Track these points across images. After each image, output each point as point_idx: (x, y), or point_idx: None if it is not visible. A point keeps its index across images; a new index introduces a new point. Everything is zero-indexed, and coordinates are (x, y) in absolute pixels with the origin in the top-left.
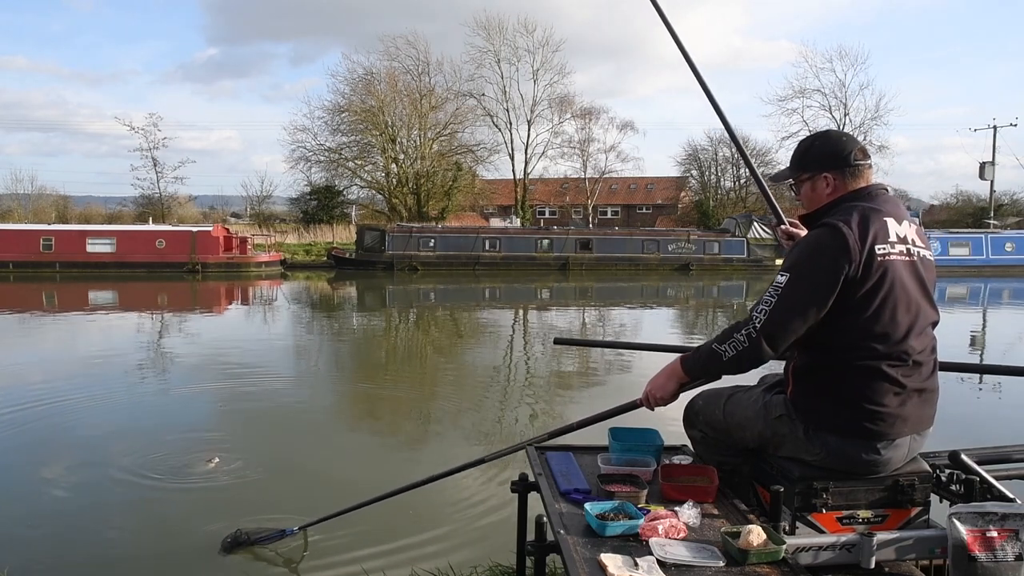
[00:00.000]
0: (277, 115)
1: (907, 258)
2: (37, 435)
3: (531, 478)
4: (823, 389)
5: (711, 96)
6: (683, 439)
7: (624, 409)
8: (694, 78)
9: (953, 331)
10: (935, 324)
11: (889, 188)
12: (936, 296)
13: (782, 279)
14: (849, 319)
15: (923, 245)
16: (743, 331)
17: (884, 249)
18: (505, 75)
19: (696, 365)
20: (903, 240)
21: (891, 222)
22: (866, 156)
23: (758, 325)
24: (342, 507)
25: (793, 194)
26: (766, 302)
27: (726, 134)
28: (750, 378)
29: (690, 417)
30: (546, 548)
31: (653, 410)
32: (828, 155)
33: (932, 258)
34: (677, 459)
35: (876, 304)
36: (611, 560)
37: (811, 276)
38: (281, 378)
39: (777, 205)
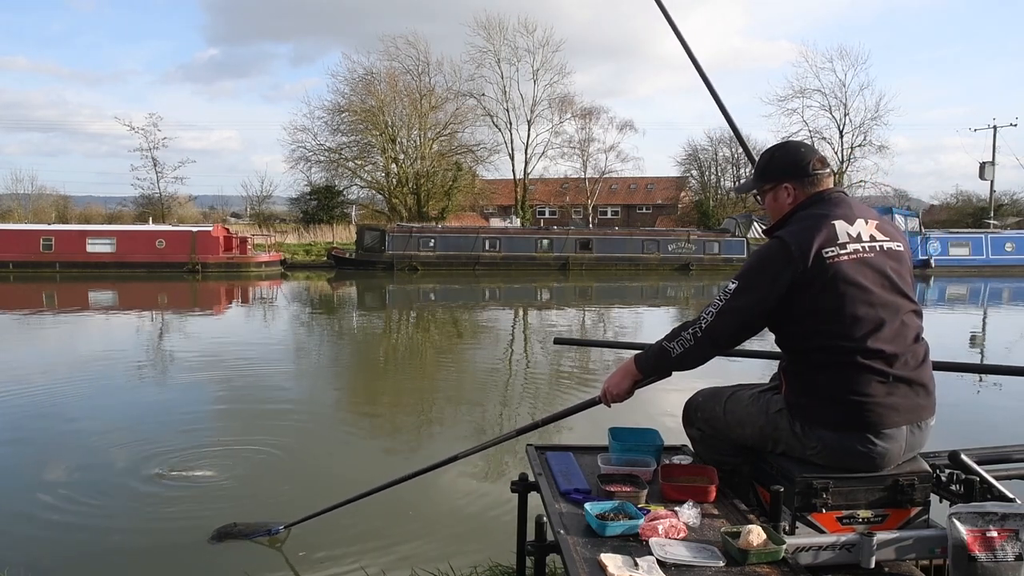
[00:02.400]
0: (277, 115)
1: (863, 255)
2: (35, 434)
3: (531, 478)
4: (811, 387)
5: (712, 89)
6: (683, 439)
7: (585, 406)
8: (697, 75)
9: (953, 331)
10: (917, 313)
11: (847, 191)
12: (936, 296)
13: (731, 286)
14: (812, 322)
15: (886, 238)
16: (690, 330)
17: (832, 252)
18: (505, 75)
19: (647, 363)
20: (856, 239)
21: (841, 224)
22: (824, 165)
23: (703, 326)
24: (328, 504)
25: (758, 203)
26: (714, 305)
27: (726, 134)
28: (757, 376)
29: (689, 415)
30: (546, 548)
31: (610, 407)
32: (788, 165)
33: (901, 248)
34: (677, 459)
35: (833, 305)
36: (611, 560)
37: (755, 286)
38: (280, 377)
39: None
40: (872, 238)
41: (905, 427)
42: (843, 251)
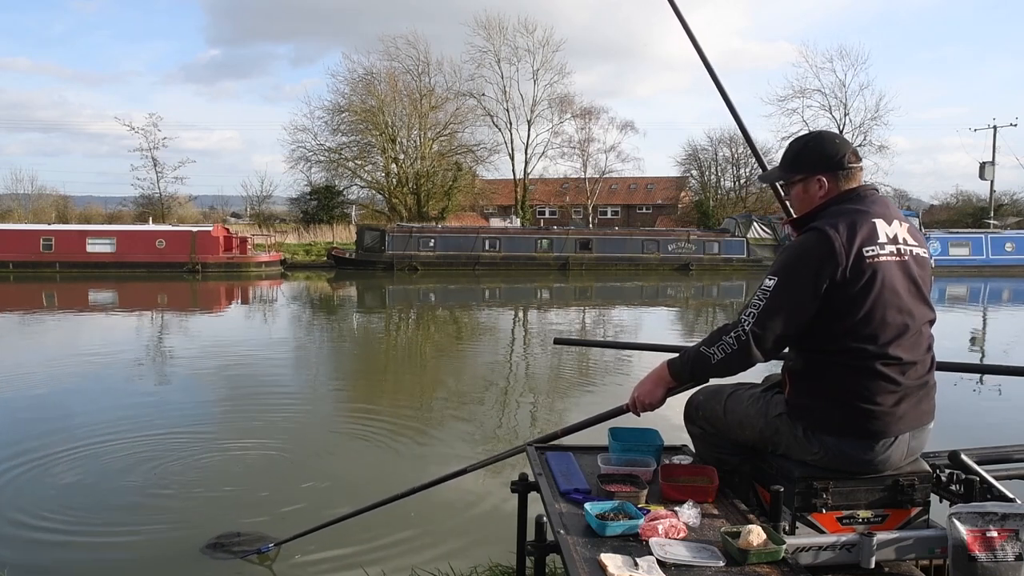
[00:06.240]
0: (277, 115)
1: (897, 258)
2: (36, 435)
3: (531, 478)
4: (819, 390)
5: (718, 82)
6: (683, 439)
7: (612, 414)
8: (705, 71)
9: (953, 331)
10: (932, 322)
11: (879, 188)
12: (936, 296)
13: (770, 282)
14: (841, 322)
15: (916, 243)
16: (732, 334)
17: (872, 251)
18: (505, 75)
19: (684, 369)
20: (893, 240)
21: (880, 223)
22: (858, 159)
23: (747, 327)
24: (324, 520)
25: (783, 192)
26: (755, 305)
27: (726, 134)
28: (754, 376)
29: (690, 413)
30: (546, 548)
31: (640, 415)
32: (822, 157)
33: (927, 255)
34: (677, 459)
35: (867, 306)
36: (611, 560)
37: (798, 280)
38: (280, 379)
39: (787, 202)
40: (905, 241)
41: (908, 432)
42: (882, 252)
